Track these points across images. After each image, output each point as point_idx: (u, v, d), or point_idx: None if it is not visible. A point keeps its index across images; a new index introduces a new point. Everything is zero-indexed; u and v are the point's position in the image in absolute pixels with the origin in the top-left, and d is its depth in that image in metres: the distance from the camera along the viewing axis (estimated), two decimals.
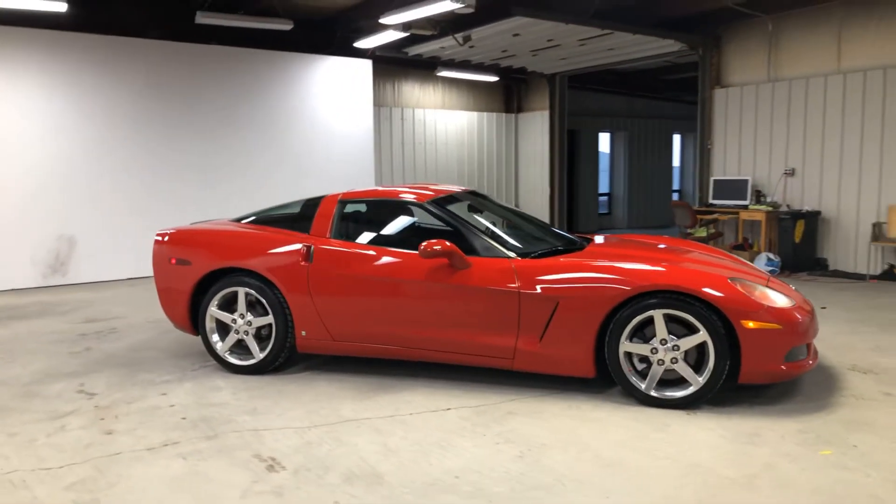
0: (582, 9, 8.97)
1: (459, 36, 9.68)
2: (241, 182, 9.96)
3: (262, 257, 4.64)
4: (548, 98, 13.27)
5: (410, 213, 5.08)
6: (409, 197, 4.79)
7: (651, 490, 2.99)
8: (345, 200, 4.85)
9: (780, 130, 9.56)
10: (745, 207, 9.47)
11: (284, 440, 3.60)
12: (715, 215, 9.66)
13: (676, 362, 3.92)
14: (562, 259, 4.26)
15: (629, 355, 4.01)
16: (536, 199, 13.66)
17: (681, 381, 3.97)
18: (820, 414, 3.84)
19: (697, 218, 9.52)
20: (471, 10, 8.08)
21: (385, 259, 4.47)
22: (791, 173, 9.44)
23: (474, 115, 13.51)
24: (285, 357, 4.71)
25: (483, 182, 13.68)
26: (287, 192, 10.34)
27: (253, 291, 4.64)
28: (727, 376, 3.87)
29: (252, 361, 4.73)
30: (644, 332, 4.00)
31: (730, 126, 10.18)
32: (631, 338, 3.98)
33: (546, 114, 13.33)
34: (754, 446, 3.42)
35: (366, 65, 11.08)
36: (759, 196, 9.68)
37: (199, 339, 5.58)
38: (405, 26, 9.25)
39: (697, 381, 3.88)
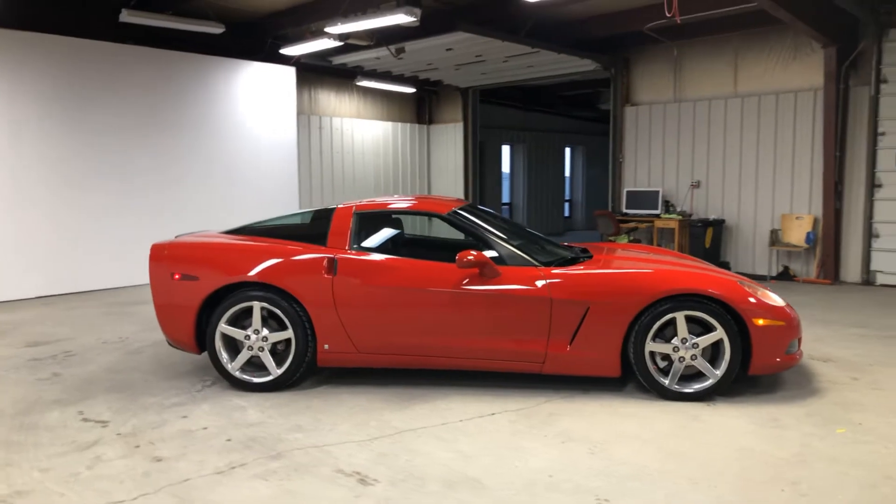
0: (516, 27, 9.41)
1: (393, 48, 9.79)
2: (161, 191, 9.41)
3: (280, 270, 4.53)
4: (461, 110, 13.66)
5: (426, 224, 5.16)
6: (432, 208, 4.89)
7: (727, 473, 3.32)
8: (361, 213, 4.84)
9: (686, 146, 10.54)
10: (658, 216, 10.33)
11: (356, 454, 3.58)
12: (633, 223, 10.45)
13: (696, 359, 4.33)
14: (589, 267, 4.54)
15: (653, 354, 4.37)
16: None
17: (697, 376, 4.38)
18: (814, 399, 4.39)
19: (620, 226, 10.25)
20: (416, 24, 8.26)
21: (412, 269, 4.53)
22: (697, 185, 10.43)
23: (389, 125, 13.61)
24: (303, 372, 4.62)
25: (398, 191, 13.80)
26: (210, 201, 9.94)
27: (270, 306, 4.52)
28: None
29: (268, 378, 4.59)
30: (664, 333, 4.37)
31: (640, 141, 11.05)
32: (654, 338, 4.35)
33: (459, 126, 13.71)
34: (782, 429, 3.88)
35: (290, 72, 10.87)
36: (668, 206, 10.59)
37: (180, 356, 5.35)
38: (342, 36, 9.21)
39: (715, 375, 4.31)
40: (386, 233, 5.02)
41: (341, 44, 9.46)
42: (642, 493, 3.12)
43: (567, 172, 18.73)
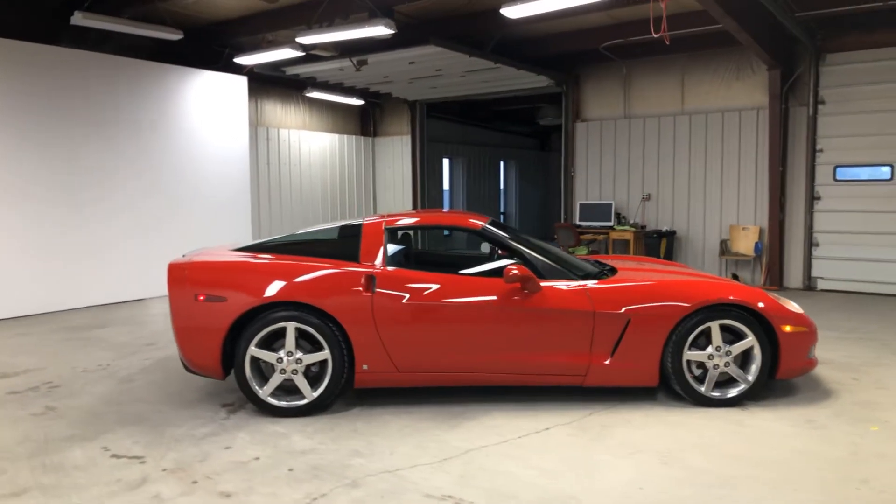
0: (481, 43, 9.52)
1: (356, 60, 9.66)
2: (108, 202, 8.81)
3: (316, 289, 4.35)
4: (408, 123, 13.63)
5: (458, 238, 5.10)
6: (465, 223, 4.84)
7: (799, 475, 3.47)
8: (392, 228, 4.73)
9: (636, 161, 10.98)
10: (612, 228, 10.70)
11: (433, 477, 3.48)
12: (590, 235, 10.76)
13: (728, 366, 4.51)
14: (625, 280, 4.64)
15: (689, 363, 4.52)
16: None
17: (728, 382, 4.57)
18: (833, 400, 4.67)
19: (580, 237, 10.53)
20: (389, 36, 8.20)
21: (455, 285, 4.47)
22: (648, 198, 10.89)
23: (335, 137, 13.38)
24: (337, 395, 4.45)
25: (345, 204, 13.57)
26: (162, 214, 9.42)
27: (305, 326, 4.33)
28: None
29: (302, 402, 4.39)
30: (697, 342, 4.53)
31: (591, 155, 11.42)
32: (689, 347, 4.50)
33: (406, 139, 13.67)
34: (822, 430, 4.10)
35: (242, 82, 10.49)
36: (619, 218, 11.00)
37: (181, 383, 5.06)
38: (307, 46, 9.00)
39: (748, 381, 4.51)
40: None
41: (302, 54, 9.24)
42: (734, 501, 3.21)
43: (501, 186, 19.05)
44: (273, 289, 4.34)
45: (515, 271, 4.34)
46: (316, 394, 4.39)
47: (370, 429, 4.19)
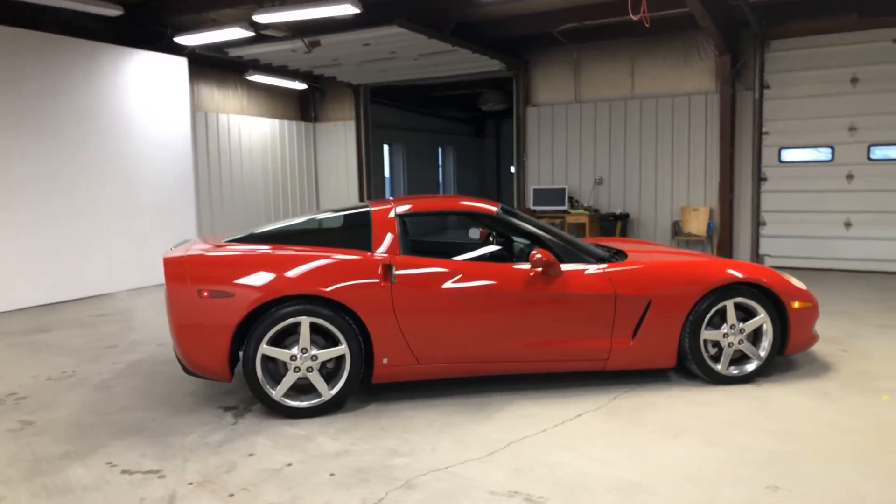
0: (439, 25, 9.30)
1: (308, 41, 9.24)
2: (41, 196, 8.06)
3: (332, 280, 4.08)
4: (351, 108, 13.24)
5: (472, 224, 4.93)
6: (479, 208, 4.67)
7: (847, 447, 3.53)
8: (403, 214, 4.50)
9: (588, 145, 11.10)
10: (567, 212, 10.78)
11: (490, 473, 3.33)
12: (545, 219, 10.79)
13: (742, 343, 4.57)
14: (642, 263, 4.61)
15: (705, 342, 4.55)
16: None
17: (740, 360, 4.63)
18: (833, 372, 4.83)
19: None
20: (353, 15, 7.89)
21: (476, 272, 4.30)
22: (600, 182, 11.04)
23: (276, 122, 12.82)
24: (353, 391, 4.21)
25: (287, 192, 13.05)
26: (99, 204, 8.74)
27: (320, 320, 4.05)
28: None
29: (317, 401, 4.12)
30: (712, 321, 4.56)
31: (542, 140, 11.45)
32: (706, 326, 4.53)
33: (349, 124, 13.28)
34: (840, 402, 4.22)
35: (182, 64, 9.84)
36: (573, 202, 11.09)
37: (165, 387, 4.69)
38: (260, 26, 8.52)
39: (760, 357, 4.58)
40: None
41: (252, 34, 8.74)
42: (798, 478, 3.22)
43: (440, 172, 18.92)
44: (285, 282, 4.04)
45: (540, 256, 4.22)
46: (333, 392, 4.13)
47: (397, 426, 3.99)
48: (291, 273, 4.07)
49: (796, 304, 4.60)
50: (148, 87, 9.33)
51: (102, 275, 8.69)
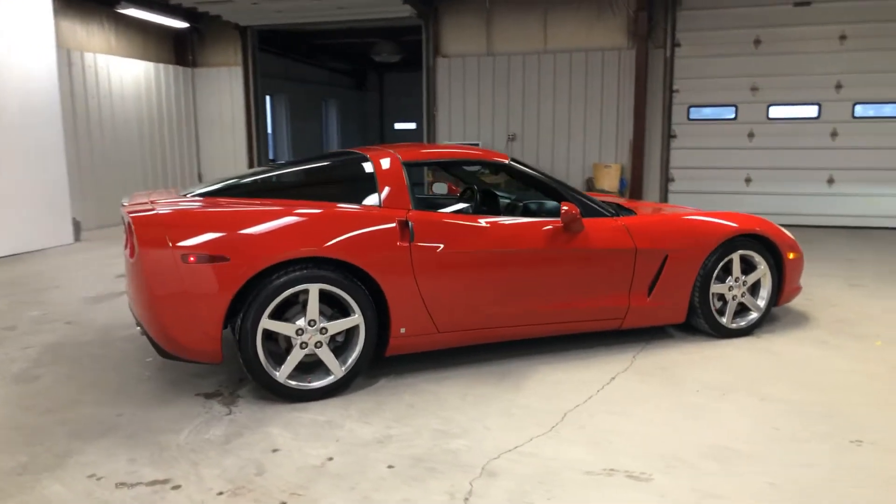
0: None
1: None
2: None
3: (343, 241, 3.47)
4: (236, 53, 11.98)
5: (477, 175, 4.43)
6: (493, 156, 4.24)
7: (880, 393, 3.56)
8: (410, 163, 3.93)
9: (501, 99, 10.83)
10: (482, 171, 10.48)
11: (564, 450, 2.97)
12: None
13: (745, 296, 4.54)
14: (658, 216, 4.41)
15: (712, 296, 4.46)
16: (227, 169, 12.26)
17: (739, 312, 4.61)
18: (817, 321, 4.94)
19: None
20: None
21: (497, 229, 3.87)
22: (514, 138, 10.85)
23: (150, 66, 11.29)
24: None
25: (165, 145, 11.63)
26: None
27: (331, 287, 3.45)
28: None
29: (328, 381, 3.54)
30: (718, 274, 4.48)
31: (453, 94, 11.02)
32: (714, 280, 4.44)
33: (236, 71, 12.02)
34: (843, 349, 4.30)
35: None
36: None
37: (102, 375, 3.97)
38: None
39: (760, 308, 4.58)
40: (439, 187, 4.21)
41: None
42: (869, 427, 3.18)
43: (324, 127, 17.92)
44: (293, 242, 3.38)
45: (568, 209, 3.88)
46: (345, 368, 3.56)
47: (426, 403, 3.51)
48: (299, 232, 3.42)
49: (791, 256, 4.63)
50: (4, 17, 7.74)
51: None
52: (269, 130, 15.54)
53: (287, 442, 3.08)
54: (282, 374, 3.44)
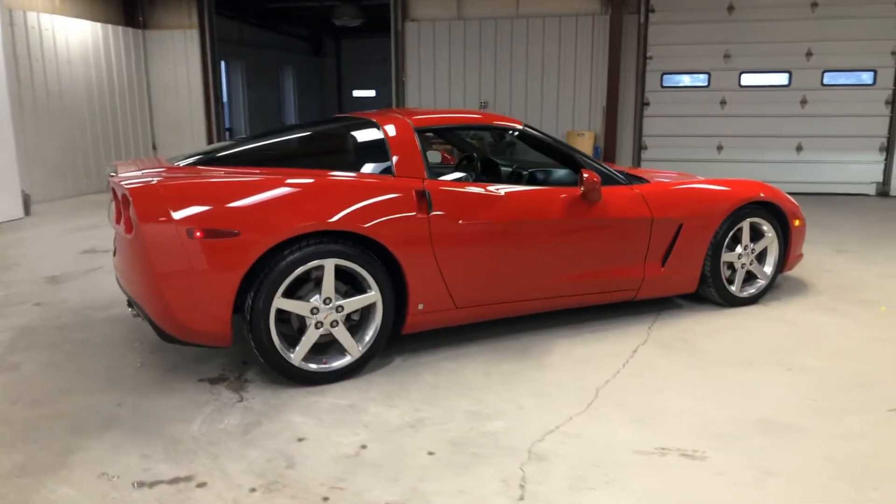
0: None
1: None
2: None
3: (360, 212, 3.23)
4: (191, 15, 11.31)
5: (497, 140, 4.21)
6: (507, 121, 4.03)
7: None
8: (422, 129, 3.68)
9: (472, 65, 10.56)
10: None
11: (610, 429, 2.85)
12: (437, 145, 10.17)
13: (753, 264, 4.50)
14: (671, 183, 4.29)
15: (723, 264, 4.39)
16: (183, 139, 11.66)
17: (746, 280, 4.56)
18: (815, 287, 4.94)
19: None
20: None
21: (517, 199, 3.68)
22: (485, 105, 10.61)
23: (97, 27, 10.56)
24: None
25: (116, 113, 10.96)
26: None
27: (347, 262, 3.21)
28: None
29: (345, 362, 3.32)
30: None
31: (423, 59, 10.69)
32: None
33: (191, 34, 11.36)
34: (852, 315, 4.30)
35: None
36: None
37: (86, 364, 3.71)
38: None
39: (767, 276, 4.55)
40: (432, 156, 4.01)
41: None
42: None
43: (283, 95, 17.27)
44: (307, 214, 3.12)
45: (590, 177, 3.72)
46: (363, 348, 3.35)
47: (449, 382, 3.34)
48: (312, 204, 3.16)
49: (797, 223, 4.60)
50: None
51: None
52: (224, 99, 14.88)
53: (312, 430, 2.86)
54: (296, 357, 3.20)
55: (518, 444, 2.72)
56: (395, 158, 3.51)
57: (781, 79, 9.63)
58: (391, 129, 3.60)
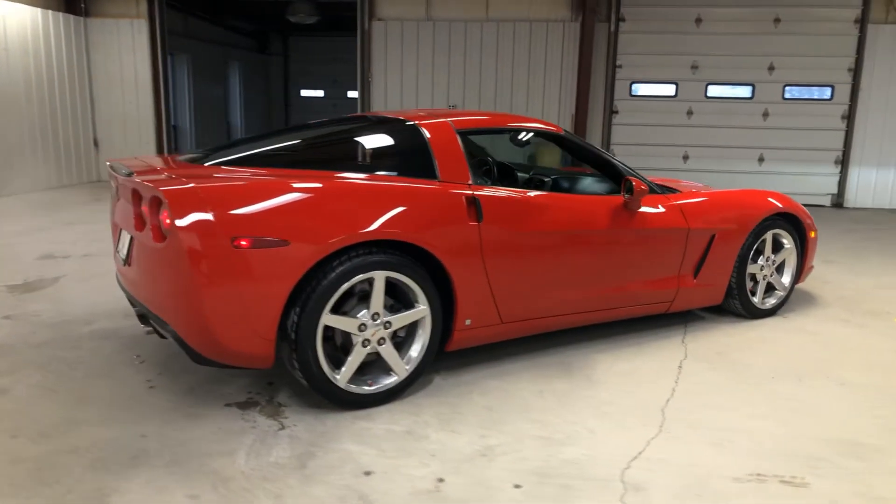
0: None
1: None
2: None
3: (412, 221, 2.97)
4: (143, 4, 10.63)
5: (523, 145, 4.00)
6: (547, 126, 3.85)
7: None
8: (464, 131, 3.44)
9: (441, 68, 10.34)
10: None
11: (694, 453, 2.69)
12: None
13: (773, 275, 4.47)
14: (704, 193, 4.21)
15: (747, 276, 4.34)
16: (129, 135, 10.94)
17: (766, 292, 4.52)
18: (826, 299, 4.97)
19: None
20: None
21: (564, 207, 3.49)
22: (454, 108, 10.41)
23: (38, 12, 9.76)
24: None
25: (57, 106, 10.16)
26: None
27: (398, 275, 2.95)
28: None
29: (391, 383, 3.04)
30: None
31: (390, 60, 10.40)
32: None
33: (141, 23, 10.68)
34: (868, 326, 4.32)
35: None
36: None
37: (103, 378, 3.31)
38: None
39: (785, 287, 4.53)
40: (490, 158, 3.76)
41: None
42: None
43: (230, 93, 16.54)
44: (359, 223, 2.83)
45: (638, 184, 3.57)
46: (410, 367, 3.08)
47: (502, 403, 3.11)
48: (366, 211, 2.87)
49: (812, 234, 4.61)
50: None
51: None
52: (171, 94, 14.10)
53: (375, 461, 2.58)
54: (342, 378, 2.90)
55: (607, 474, 2.53)
56: (438, 162, 3.26)
57: (745, 91, 9.86)
58: (433, 131, 3.35)
